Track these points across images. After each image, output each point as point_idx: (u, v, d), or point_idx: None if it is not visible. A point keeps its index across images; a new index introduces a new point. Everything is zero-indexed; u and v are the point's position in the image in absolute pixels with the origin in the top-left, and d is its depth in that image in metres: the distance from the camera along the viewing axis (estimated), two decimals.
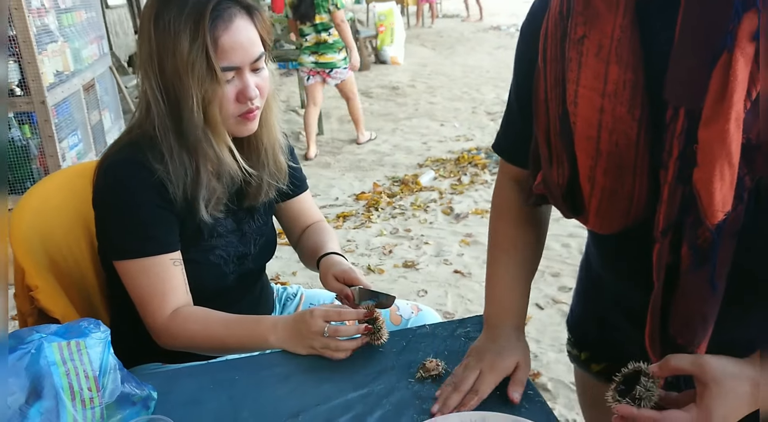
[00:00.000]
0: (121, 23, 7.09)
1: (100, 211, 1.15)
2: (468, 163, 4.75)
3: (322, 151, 5.28)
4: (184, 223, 1.14)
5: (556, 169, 0.82)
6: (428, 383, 0.99)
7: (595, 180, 0.77)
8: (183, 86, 1.05)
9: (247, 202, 1.23)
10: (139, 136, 1.11)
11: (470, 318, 1.16)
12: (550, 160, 0.83)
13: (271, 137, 1.21)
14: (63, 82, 3.12)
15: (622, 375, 0.78)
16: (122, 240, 1.11)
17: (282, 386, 1.00)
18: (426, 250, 3.37)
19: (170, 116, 1.08)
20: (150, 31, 1.06)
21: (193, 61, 1.03)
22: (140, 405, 0.91)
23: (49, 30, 3.03)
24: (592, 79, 0.73)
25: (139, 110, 1.13)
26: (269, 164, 1.22)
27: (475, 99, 6.93)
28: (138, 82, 1.11)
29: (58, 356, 0.83)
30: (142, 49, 1.08)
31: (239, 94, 1.09)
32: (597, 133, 0.75)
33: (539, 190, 0.88)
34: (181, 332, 1.11)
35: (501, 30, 12.82)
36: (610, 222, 0.80)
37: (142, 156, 1.09)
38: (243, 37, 1.07)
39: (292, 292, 1.49)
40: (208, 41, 1.03)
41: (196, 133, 1.07)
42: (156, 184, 1.09)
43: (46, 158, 2.90)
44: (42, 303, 1.14)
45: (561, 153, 0.81)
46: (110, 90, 4.19)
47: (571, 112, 0.77)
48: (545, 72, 0.81)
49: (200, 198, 1.11)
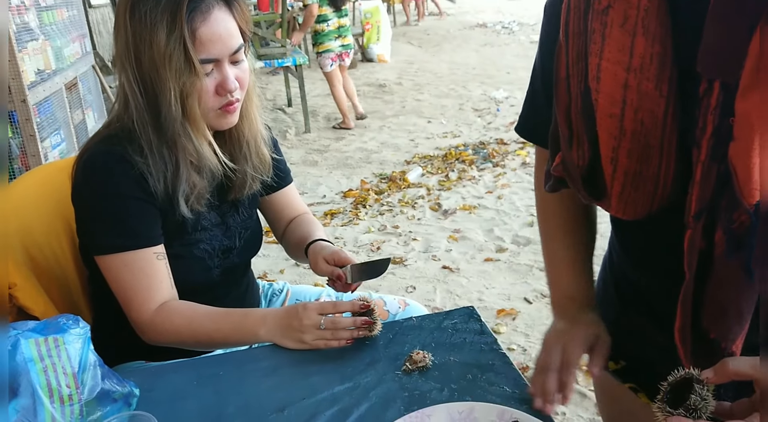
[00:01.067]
0: (105, 23, 7.01)
1: (79, 206, 1.12)
2: (455, 160, 4.75)
3: (309, 149, 5.26)
4: (166, 217, 1.12)
5: (576, 149, 0.77)
6: (415, 375, 0.98)
7: (618, 161, 0.72)
8: (160, 79, 1.02)
9: (231, 195, 1.21)
10: (118, 130, 1.09)
11: (457, 310, 1.15)
12: (570, 140, 0.78)
13: (253, 129, 1.19)
14: (45, 80, 3.08)
15: (669, 384, 0.70)
16: (103, 235, 1.09)
17: (268, 380, 0.98)
18: (414, 246, 3.37)
19: (148, 110, 1.06)
20: (126, 22, 1.03)
21: (171, 53, 1.00)
22: (121, 401, 0.89)
23: (29, 28, 2.99)
24: (617, 52, 0.69)
25: (117, 103, 1.11)
26: (252, 157, 1.20)
27: (462, 96, 6.93)
28: (114, 76, 1.09)
29: (35, 352, 0.81)
30: (118, 41, 1.06)
31: (218, 87, 1.07)
32: (621, 110, 0.70)
33: (558, 172, 0.82)
34: (167, 327, 1.09)
35: (487, 27, 12.84)
36: (634, 206, 0.75)
37: (121, 149, 1.06)
38: (221, 29, 1.05)
39: (278, 288, 1.48)
40: (186, 33, 1.00)
41: (174, 126, 1.05)
42: (136, 177, 1.06)
43: (28, 158, 2.85)
44: (20, 301, 1.12)
45: (582, 133, 0.75)
46: (93, 89, 4.14)
47: (593, 89, 0.72)
48: (567, 47, 0.76)
49: (180, 192, 1.09)
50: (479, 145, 5.07)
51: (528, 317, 2.64)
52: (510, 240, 3.38)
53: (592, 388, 1.94)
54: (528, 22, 12.86)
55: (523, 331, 2.53)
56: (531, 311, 2.68)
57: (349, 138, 5.55)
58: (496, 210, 3.81)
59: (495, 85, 7.33)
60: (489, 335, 1.07)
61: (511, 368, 0.99)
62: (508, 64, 8.66)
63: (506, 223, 3.60)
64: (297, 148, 5.29)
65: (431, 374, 0.98)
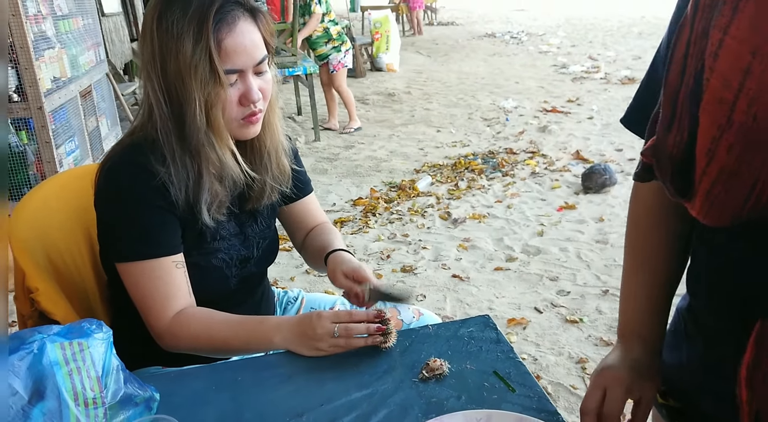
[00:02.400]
0: (117, 31, 7.08)
1: (101, 214, 1.14)
2: (465, 169, 4.76)
3: (318, 157, 5.28)
4: (186, 226, 1.13)
5: (674, 135, 0.68)
6: (432, 383, 0.98)
7: (716, 155, 0.62)
8: (186, 89, 1.04)
9: (250, 205, 1.22)
10: (141, 139, 1.11)
11: (473, 319, 1.16)
12: (670, 124, 0.69)
13: (274, 140, 1.21)
14: (60, 88, 3.12)
15: None
16: (124, 243, 1.11)
17: (285, 386, 0.99)
18: (424, 255, 3.37)
19: (172, 119, 1.07)
20: (153, 32, 1.05)
21: (197, 63, 1.02)
22: (143, 405, 0.90)
23: (46, 36, 3.04)
24: (747, 30, 0.58)
25: (141, 112, 1.13)
26: (272, 167, 1.21)
27: (470, 105, 6.95)
28: (139, 85, 1.11)
29: (61, 356, 0.82)
30: (144, 51, 1.07)
31: (242, 97, 1.09)
32: (734, 97, 0.59)
33: (647, 156, 0.74)
34: (184, 334, 1.10)
35: (496, 37, 12.89)
36: (720, 210, 0.65)
37: (144, 158, 1.08)
38: (247, 40, 1.06)
39: (292, 296, 1.49)
40: (212, 44, 1.02)
41: (198, 136, 1.07)
42: (158, 187, 1.08)
43: (43, 164, 2.89)
44: (42, 306, 1.14)
45: (684, 117, 0.66)
46: (107, 96, 4.18)
47: (707, 66, 0.61)
48: (693, 21, 0.65)
49: (202, 201, 1.10)
50: (488, 155, 5.08)
51: (538, 327, 2.63)
52: (520, 250, 3.38)
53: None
54: (536, 32, 12.90)
55: (534, 341, 2.53)
56: (541, 320, 2.68)
57: (358, 146, 5.57)
58: (505, 219, 3.81)
59: (504, 94, 7.35)
60: (505, 343, 1.08)
61: (527, 377, 0.99)
62: (517, 74, 8.69)
63: (516, 233, 3.60)
64: (306, 156, 5.32)
65: (448, 381, 0.98)
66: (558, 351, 2.45)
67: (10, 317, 2.82)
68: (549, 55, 10.26)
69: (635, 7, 16.69)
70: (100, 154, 3.74)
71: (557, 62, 9.43)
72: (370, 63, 9.30)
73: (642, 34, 11.80)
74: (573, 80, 8.06)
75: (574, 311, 2.74)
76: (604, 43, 11.12)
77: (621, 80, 7.78)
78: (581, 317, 2.67)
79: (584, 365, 2.35)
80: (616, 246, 3.36)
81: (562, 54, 10.20)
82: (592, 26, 13.77)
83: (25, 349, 0.81)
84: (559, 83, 7.92)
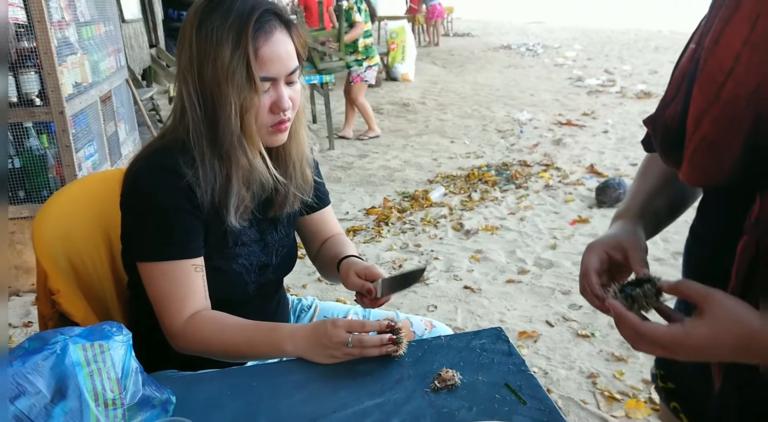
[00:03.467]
0: (137, 37, 7.19)
1: (126, 213, 1.16)
2: (478, 180, 4.77)
3: (332, 165, 5.31)
4: (209, 230, 1.16)
5: (672, 108, 0.80)
6: (443, 393, 0.99)
7: (701, 124, 0.73)
8: (221, 94, 1.07)
9: (272, 212, 1.24)
10: (171, 141, 1.14)
11: (485, 331, 1.17)
12: (670, 101, 0.80)
13: (300, 150, 1.24)
14: (81, 93, 3.17)
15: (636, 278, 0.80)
16: (146, 243, 1.13)
17: (299, 392, 1.01)
18: (436, 265, 3.38)
19: (205, 122, 1.10)
20: (192, 38, 1.08)
21: (234, 69, 1.05)
22: (160, 408, 0.92)
23: (69, 42, 3.09)
24: (741, 23, 0.70)
25: (173, 115, 1.16)
26: (296, 176, 1.24)
27: (485, 116, 6.96)
28: (174, 87, 1.14)
29: (83, 357, 0.84)
30: (182, 55, 1.11)
31: (273, 105, 1.12)
32: (724, 78, 0.71)
33: (646, 124, 0.88)
34: (197, 336, 1.12)
35: (511, 49, 12.91)
36: (699, 173, 0.77)
37: (172, 160, 1.11)
38: (281, 50, 1.10)
39: (306, 304, 1.50)
40: (250, 51, 1.05)
41: (231, 140, 1.10)
42: (185, 189, 1.10)
43: (63, 167, 2.93)
44: (63, 307, 1.16)
45: (681, 93, 0.78)
46: (126, 102, 4.24)
47: (707, 50, 0.73)
48: (709, 16, 0.77)
49: (231, 204, 1.13)
50: (502, 167, 5.08)
51: (550, 340, 2.63)
52: (532, 263, 3.38)
53: None
54: (552, 44, 12.90)
55: (545, 354, 2.52)
56: (553, 334, 2.67)
57: (372, 156, 5.60)
58: (518, 231, 3.81)
59: (518, 106, 7.36)
60: (517, 356, 1.08)
61: (539, 390, 1.00)
62: (532, 86, 8.69)
63: (528, 245, 3.60)
64: (321, 164, 5.29)
65: (459, 393, 0.99)
66: (569, 366, 2.44)
67: (27, 317, 2.86)
68: (564, 67, 10.26)
69: (652, 21, 16.64)
70: (118, 158, 3.79)
71: (573, 75, 9.42)
72: (385, 73, 9.35)
73: (659, 49, 11.76)
74: (588, 93, 8.05)
75: (586, 325, 2.73)
76: (620, 57, 11.10)
77: (637, 94, 7.76)
78: (593, 332, 2.67)
79: (595, 380, 2.34)
80: None
81: (578, 67, 10.19)
82: (608, 39, 13.76)
83: (48, 349, 0.83)
84: (575, 96, 7.91)
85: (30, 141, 2.87)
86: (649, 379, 2.28)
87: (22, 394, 0.79)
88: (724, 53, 0.71)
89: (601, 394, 2.26)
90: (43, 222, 1.25)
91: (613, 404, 2.20)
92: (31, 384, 0.80)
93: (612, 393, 2.25)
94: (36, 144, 2.89)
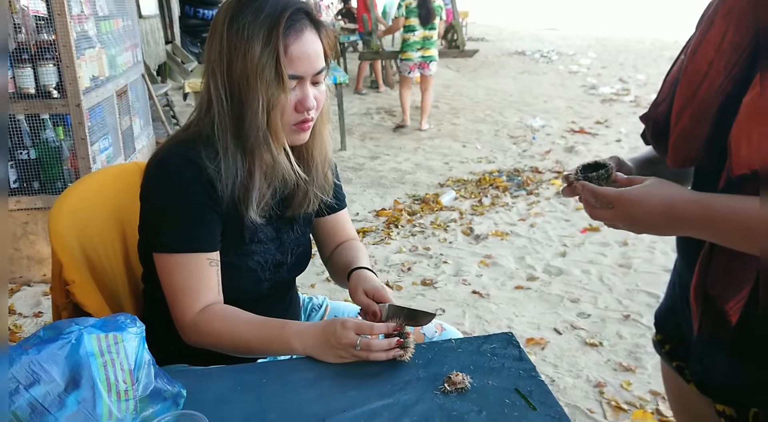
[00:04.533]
0: (153, 33, 7.23)
1: (146, 203, 1.17)
2: (489, 185, 4.76)
3: (344, 166, 5.32)
4: (227, 225, 1.16)
5: (661, 107, 0.96)
6: (453, 396, 0.99)
7: (681, 118, 0.89)
8: (250, 89, 1.08)
9: (290, 210, 1.25)
10: (195, 134, 1.14)
11: (496, 335, 1.16)
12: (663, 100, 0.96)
13: (323, 151, 1.24)
14: (98, 86, 3.20)
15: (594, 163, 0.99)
16: (164, 234, 1.14)
17: (309, 391, 1.01)
18: (445, 269, 3.38)
19: (231, 116, 1.11)
20: (223, 32, 1.09)
21: (264, 65, 1.06)
22: (171, 401, 0.92)
23: (88, 36, 3.12)
24: (714, 35, 0.85)
25: (198, 108, 1.16)
26: (318, 177, 1.25)
27: (497, 122, 6.96)
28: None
29: (97, 348, 0.85)
30: (212, 49, 1.11)
31: (298, 104, 1.12)
32: (701, 81, 0.86)
33: (642, 119, 1.04)
34: (208, 330, 1.12)
35: (525, 55, 12.89)
36: (678, 155, 0.92)
37: (194, 153, 1.11)
38: (310, 49, 1.11)
39: (317, 303, 1.51)
40: (280, 48, 1.06)
41: (257, 135, 1.10)
42: (205, 183, 1.11)
43: (78, 160, 2.95)
44: (77, 298, 1.17)
45: (669, 95, 0.94)
46: (141, 97, 4.27)
47: (688, 58, 0.89)
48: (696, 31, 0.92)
49: (252, 199, 1.13)
50: (514, 172, 5.07)
51: (557, 348, 2.62)
52: (541, 270, 3.36)
53: None
54: (567, 51, 12.86)
55: (552, 362, 2.51)
56: (560, 342, 2.66)
57: (383, 158, 5.60)
58: (528, 238, 3.80)
59: (531, 113, 7.34)
60: (528, 362, 1.08)
61: (549, 396, 0.99)
62: (545, 93, 8.67)
63: (538, 252, 3.59)
64: None
65: (469, 396, 0.99)
66: (576, 374, 2.43)
67: (37, 307, 2.88)
68: (579, 75, 10.23)
69: (668, 31, 16.56)
70: (132, 152, 3.81)
71: (587, 83, 9.39)
72: (399, 75, 9.34)
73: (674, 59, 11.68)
74: (602, 102, 8.02)
75: (594, 334, 2.72)
76: (635, 66, 11.06)
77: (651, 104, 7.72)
78: (601, 341, 2.65)
79: (602, 389, 2.33)
80: (640, 271, 3.33)
81: (592, 75, 10.16)
82: (623, 48, 13.70)
83: (63, 339, 0.84)
84: (588, 104, 7.89)
85: (46, 133, 2.89)
86: (657, 390, 2.28)
87: (37, 382, 0.79)
88: (700, 60, 0.87)
89: (607, 404, 2.25)
90: (60, 212, 1.26)
91: (619, 414, 2.19)
92: (46, 372, 0.80)
93: (619, 403, 2.24)
94: (52, 136, 2.91)
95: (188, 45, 9.23)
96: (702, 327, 0.93)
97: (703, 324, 0.92)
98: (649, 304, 2.95)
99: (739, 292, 0.86)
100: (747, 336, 0.88)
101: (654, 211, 0.87)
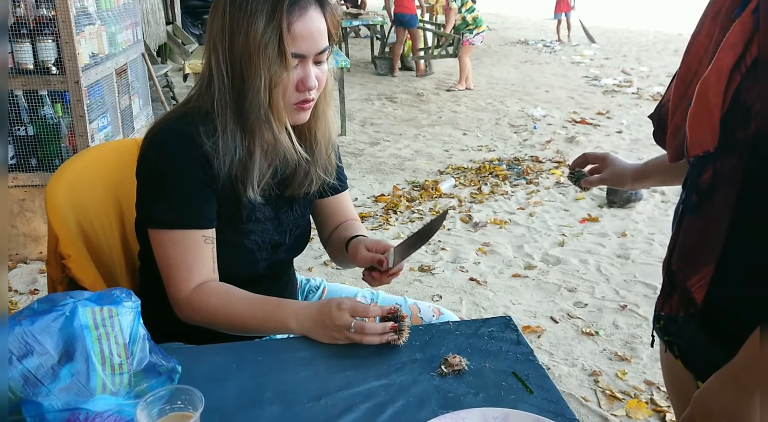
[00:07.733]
0: (154, 13, 7.17)
1: (141, 178, 1.15)
2: (489, 173, 4.75)
3: (343, 151, 5.30)
4: (223, 203, 1.15)
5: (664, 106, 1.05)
6: (450, 378, 0.98)
7: (675, 114, 0.96)
8: (251, 66, 1.06)
9: (290, 190, 1.23)
10: (195, 109, 1.12)
11: (494, 319, 1.16)
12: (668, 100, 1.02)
13: (326, 132, 1.23)
14: (97, 64, 3.17)
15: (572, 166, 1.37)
16: (158, 210, 1.12)
17: (305, 369, 1.00)
18: (442, 256, 3.37)
19: (232, 93, 1.09)
20: (225, 6, 1.07)
21: (266, 42, 1.04)
22: (165, 376, 0.91)
23: (87, 12, 3.08)
24: (704, 36, 0.91)
25: (199, 84, 1.15)
26: (321, 158, 1.23)
27: (499, 110, 6.93)
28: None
29: (91, 321, 0.84)
30: (214, 24, 1.09)
31: (299, 83, 1.10)
32: (691, 78, 0.92)
33: (651, 118, 1.12)
34: (203, 306, 1.11)
35: (528, 44, 12.81)
36: (673, 151, 0.98)
37: (192, 129, 1.10)
38: (314, 28, 1.08)
39: (314, 285, 1.50)
40: (283, 25, 1.04)
41: (258, 113, 1.08)
42: (201, 160, 1.09)
43: (76, 137, 2.93)
44: (73, 272, 1.16)
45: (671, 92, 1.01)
46: (141, 76, 4.23)
47: (682, 58, 0.96)
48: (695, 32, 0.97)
49: (251, 178, 1.12)
50: (514, 161, 5.06)
51: (553, 336, 2.62)
52: (539, 258, 3.36)
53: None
54: (570, 42, 12.78)
55: (548, 350, 2.52)
56: (556, 330, 2.66)
57: (383, 143, 5.58)
58: (527, 227, 3.79)
59: (533, 102, 7.31)
60: (525, 346, 1.07)
61: (546, 380, 0.99)
62: (548, 83, 8.63)
63: (536, 241, 3.59)
64: None
65: (466, 378, 0.98)
66: (571, 363, 2.43)
67: (33, 285, 2.87)
68: (581, 66, 10.17)
69: (672, 24, 16.46)
70: (130, 131, 3.79)
71: (589, 74, 9.34)
72: (401, 62, 9.30)
73: (678, 52, 11.61)
74: (604, 93, 7.98)
75: (591, 324, 2.72)
76: (638, 58, 10.99)
77: (653, 96, 7.68)
78: (597, 330, 2.66)
79: (597, 378, 2.33)
80: (638, 261, 3.33)
81: (595, 66, 10.10)
82: (626, 40, 13.62)
83: (57, 311, 0.83)
84: (590, 95, 7.85)
85: (44, 109, 2.86)
86: (652, 380, 2.28)
87: (30, 353, 0.79)
88: (691, 60, 0.93)
89: (602, 392, 2.25)
90: (57, 186, 1.25)
91: (614, 403, 2.20)
92: (40, 344, 0.79)
93: (613, 392, 2.24)
94: (50, 112, 2.88)
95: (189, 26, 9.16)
96: (670, 303, 0.98)
97: (672, 299, 0.97)
98: (647, 295, 2.95)
99: (699, 271, 0.90)
100: (717, 317, 0.93)
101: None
